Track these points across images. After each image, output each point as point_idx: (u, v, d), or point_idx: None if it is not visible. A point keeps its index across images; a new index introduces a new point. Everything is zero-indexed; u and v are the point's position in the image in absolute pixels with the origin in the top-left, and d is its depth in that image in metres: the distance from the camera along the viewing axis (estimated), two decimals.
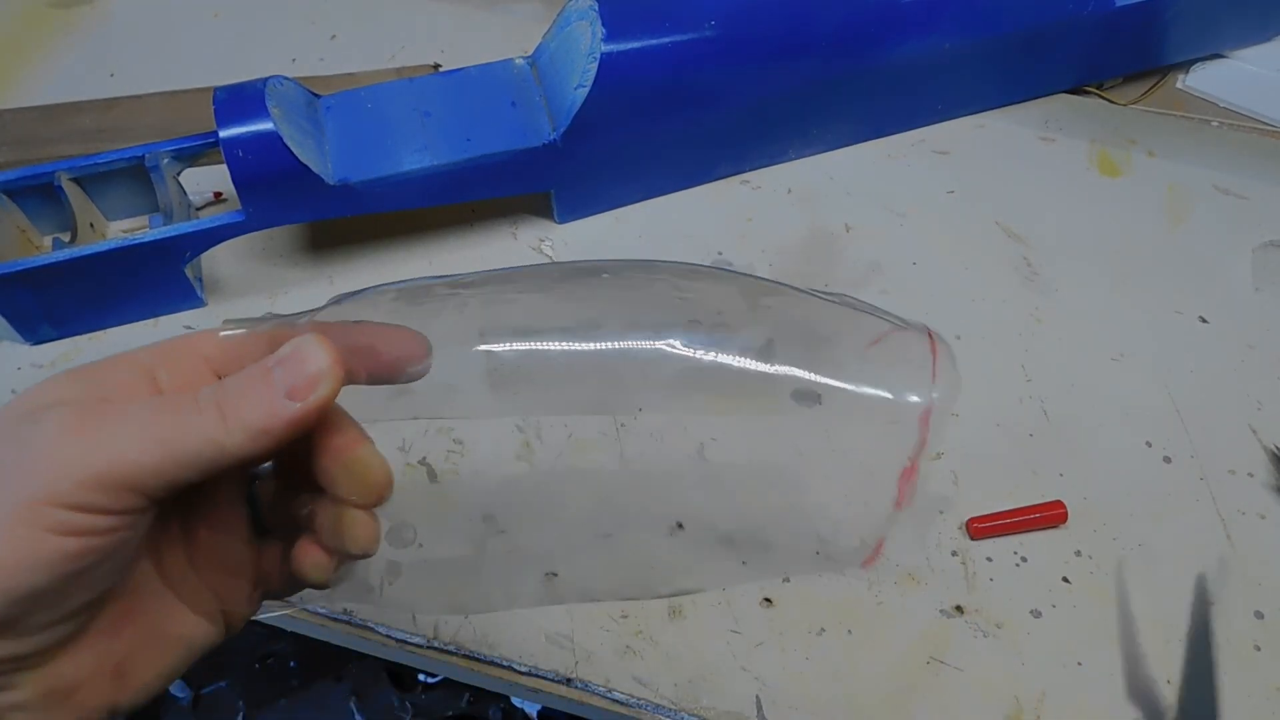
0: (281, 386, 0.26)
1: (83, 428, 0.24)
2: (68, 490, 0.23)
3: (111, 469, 0.24)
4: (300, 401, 0.26)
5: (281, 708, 1.10)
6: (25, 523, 0.23)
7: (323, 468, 0.28)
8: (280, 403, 0.26)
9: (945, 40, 0.58)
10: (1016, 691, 0.43)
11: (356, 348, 0.29)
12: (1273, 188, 0.61)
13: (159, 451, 0.24)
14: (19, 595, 0.23)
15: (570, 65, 0.52)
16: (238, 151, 0.47)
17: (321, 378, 0.26)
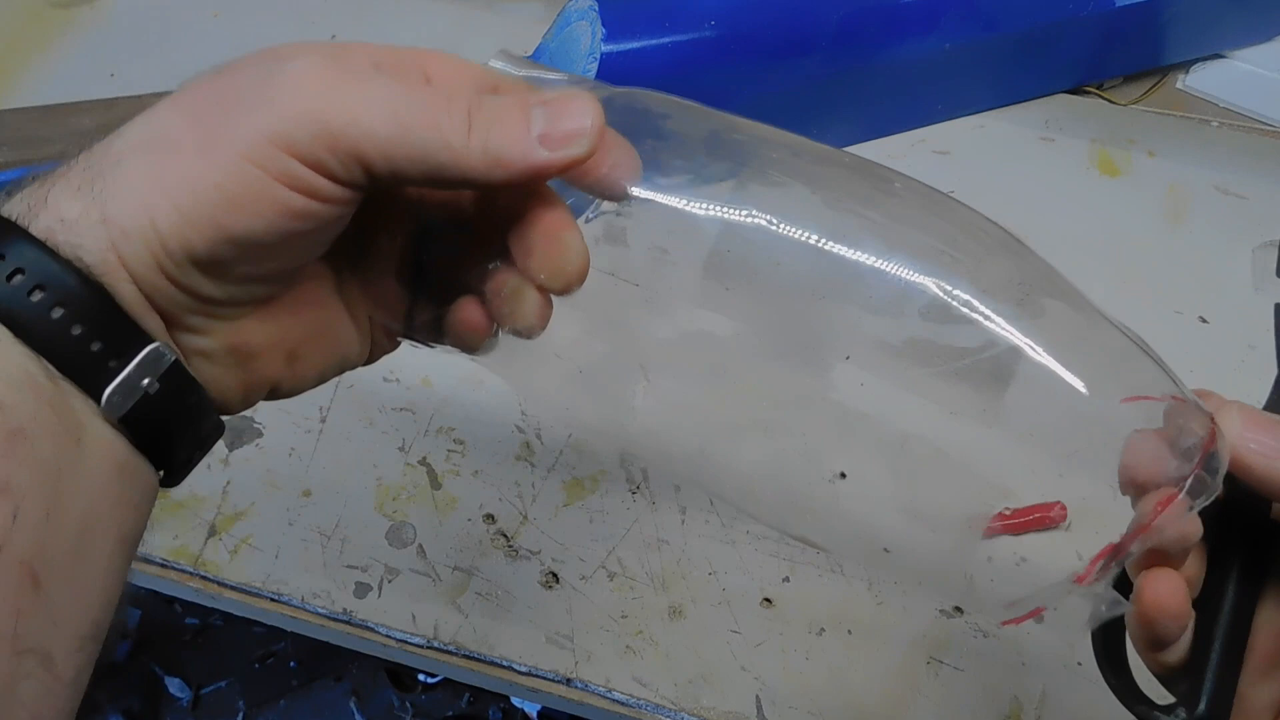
0: (536, 127, 0.24)
1: (328, 82, 0.23)
2: (303, 141, 0.22)
3: (346, 132, 0.23)
4: (549, 151, 0.24)
5: (281, 708, 1.10)
6: (256, 162, 0.23)
7: (522, 237, 0.27)
8: (529, 141, 0.24)
9: (945, 40, 0.58)
10: (1016, 691, 0.43)
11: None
12: (1273, 188, 0.61)
13: (395, 130, 0.23)
14: (236, 235, 0.23)
15: (570, 65, 0.52)
16: None
17: (580, 135, 0.25)
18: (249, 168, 0.23)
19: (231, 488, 0.48)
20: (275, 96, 0.23)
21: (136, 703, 1.09)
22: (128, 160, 0.23)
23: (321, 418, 0.50)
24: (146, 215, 0.23)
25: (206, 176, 0.23)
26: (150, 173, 0.23)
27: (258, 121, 0.23)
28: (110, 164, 0.23)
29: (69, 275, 0.22)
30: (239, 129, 0.23)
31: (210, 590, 0.46)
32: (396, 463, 0.49)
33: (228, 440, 0.49)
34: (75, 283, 0.22)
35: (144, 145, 0.24)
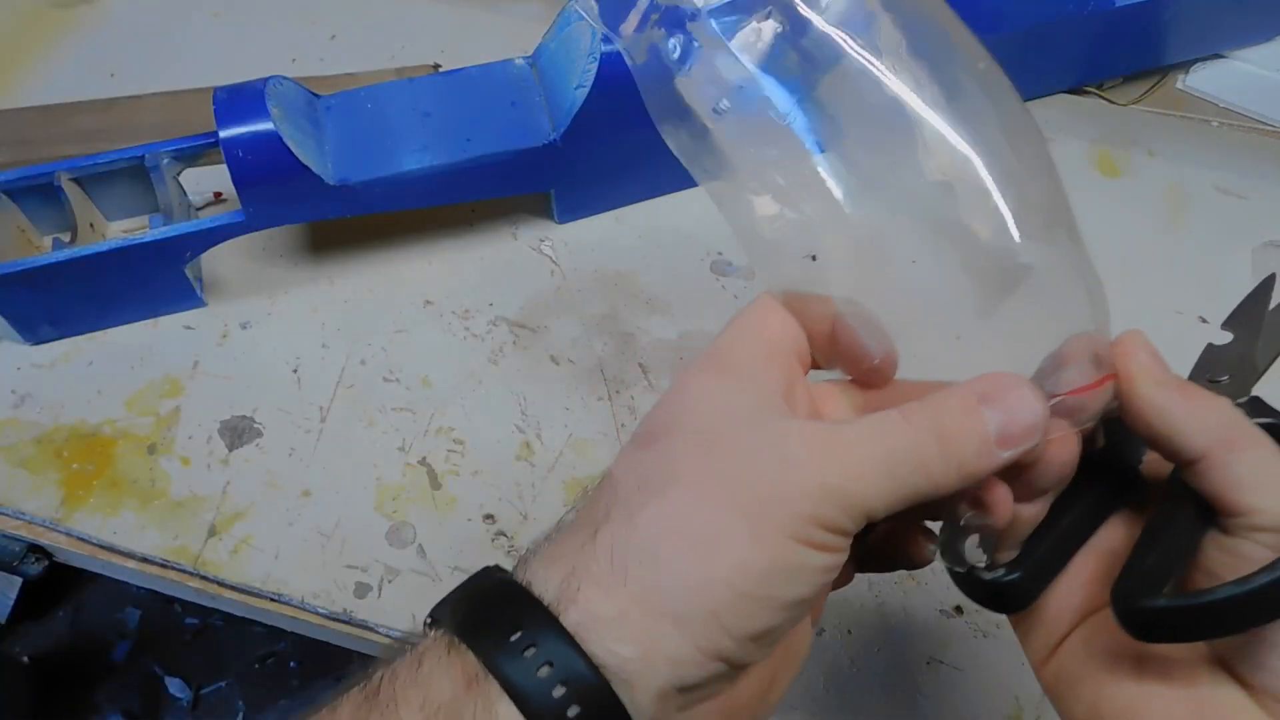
0: (993, 429, 0.26)
1: (828, 453, 0.25)
2: (827, 513, 0.25)
3: (856, 496, 0.25)
4: (1007, 451, 0.26)
5: (281, 708, 1.10)
6: (800, 539, 0.25)
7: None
8: (991, 449, 0.26)
9: None
10: (1016, 691, 0.43)
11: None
12: (1273, 188, 0.61)
13: (889, 483, 0.25)
14: (786, 602, 0.25)
15: (570, 65, 0.52)
16: (238, 151, 0.47)
17: (1035, 431, 0.26)
18: (792, 545, 0.25)
19: (231, 488, 0.48)
20: (797, 479, 0.25)
21: (136, 703, 1.09)
22: (664, 553, 0.25)
23: (321, 418, 0.50)
24: (706, 605, 0.24)
25: (757, 558, 0.24)
26: (697, 563, 0.25)
27: (795, 505, 0.25)
28: (643, 557, 0.25)
29: (592, 675, 0.24)
30: (779, 514, 0.25)
31: (210, 590, 0.46)
32: (396, 463, 0.49)
33: (228, 440, 0.49)
34: (596, 684, 0.24)
35: (679, 538, 0.25)
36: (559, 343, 0.53)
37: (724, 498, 0.25)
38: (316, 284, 0.55)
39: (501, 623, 0.25)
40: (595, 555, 0.25)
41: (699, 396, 0.28)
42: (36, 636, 1.12)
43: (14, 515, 0.47)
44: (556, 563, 0.26)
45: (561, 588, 0.25)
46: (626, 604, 0.24)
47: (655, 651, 0.24)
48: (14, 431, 0.49)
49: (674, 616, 0.24)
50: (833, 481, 0.25)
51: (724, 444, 0.26)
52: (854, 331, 0.29)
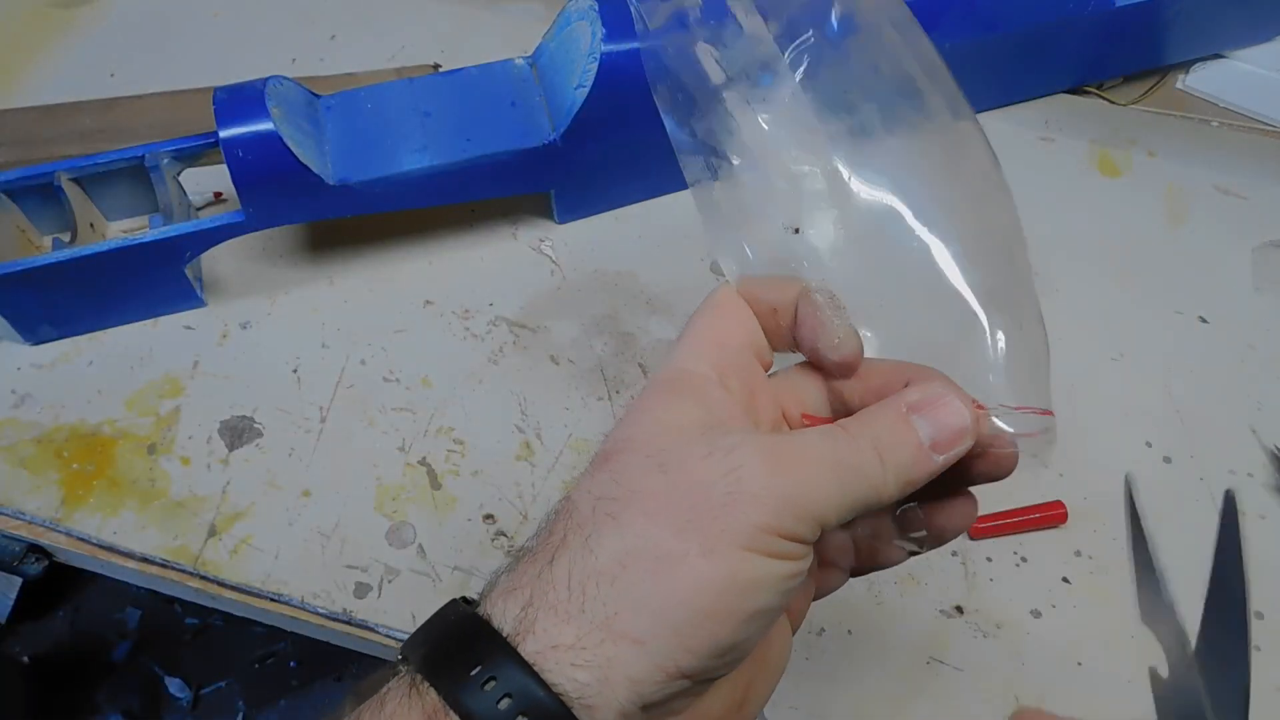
0: (925, 437, 0.27)
1: (781, 467, 0.26)
2: (785, 521, 0.25)
3: (809, 504, 0.26)
4: (941, 455, 0.28)
5: (281, 708, 1.10)
6: (757, 549, 0.25)
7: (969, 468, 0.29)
8: (926, 455, 0.27)
9: (945, 40, 0.57)
10: (1016, 691, 0.43)
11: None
12: (1273, 188, 0.61)
13: (838, 492, 0.26)
14: (747, 614, 0.25)
15: (570, 65, 0.52)
16: (238, 151, 0.47)
17: (965, 434, 0.28)
18: (749, 556, 0.25)
19: (231, 488, 0.48)
20: (749, 490, 0.25)
21: (136, 703, 1.09)
22: (623, 575, 0.25)
23: (321, 418, 0.50)
24: (666, 624, 0.25)
25: (714, 572, 0.25)
26: (654, 583, 0.25)
27: (749, 517, 0.25)
28: (600, 582, 0.25)
29: (552, 703, 0.24)
30: (733, 526, 0.25)
31: (210, 590, 0.46)
32: (396, 463, 0.49)
33: (228, 440, 0.49)
34: (556, 710, 0.24)
35: (635, 559, 0.25)
36: (559, 343, 0.53)
37: (677, 515, 0.25)
38: (316, 284, 0.55)
39: (462, 658, 0.25)
40: (553, 582, 0.26)
41: (653, 416, 0.28)
42: (36, 636, 1.12)
43: (14, 515, 0.47)
44: (514, 593, 0.26)
45: (520, 618, 0.25)
46: (584, 629, 0.25)
47: (615, 674, 0.24)
48: (14, 431, 0.49)
49: (633, 638, 0.25)
50: (788, 491, 0.26)
51: (676, 460, 0.27)
52: (820, 315, 0.30)
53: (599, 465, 0.28)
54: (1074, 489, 0.49)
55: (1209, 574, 0.28)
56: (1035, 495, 0.48)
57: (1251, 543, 0.50)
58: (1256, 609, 0.46)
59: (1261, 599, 0.46)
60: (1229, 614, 0.27)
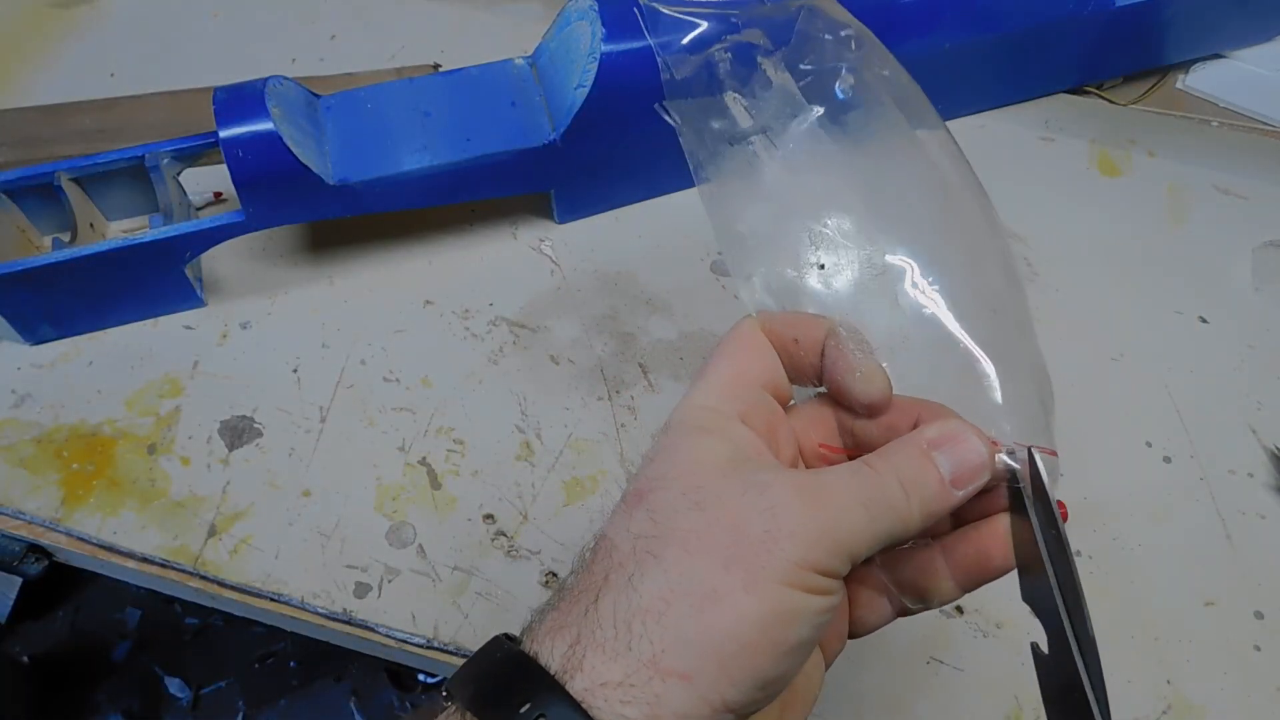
0: (946, 473, 0.29)
1: (814, 503, 0.27)
2: (818, 557, 0.26)
3: (841, 538, 0.27)
4: (961, 490, 0.29)
5: (281, 708, 1.10)
6: (795, 585, 0.26)
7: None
8: (947, 490, 0.29)
9: (945, 40, 0.58)
10: (1016, 691, 0.43)
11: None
12: (1273, 188, 0.61)
13: (868, 526, 0.27)
14: (787, 647, 0.26)
15: (570, 65, 0.52)
16: (238, 151, 0.47)
17: (983, 469, 0.29)
18: (788, 591, 0.26)
19: (231, 488, 0.48)
20: (786, 527, 0.26)
21: (136, 703, 1.09)
22: (668, 612, 0.26)
23: (321, 418, 0.50)
24: (712, 659, 0.25)
25: (756, 606, 0.26)
26: (699, 618, 0.26)
27: (787, 553, 0.26)
28: (646, 619, 0.26)
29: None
30: (772, 563, 0.26)
31: (210, 590, 0.46)
32: (396, 463, 0.49)
33: (228, 440, 0.49)
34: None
35: (678, 596, 0.26)
36: (559, 343, 0.53)
37: (717, 552, 0.26)
38: (316, 284, 0.55)
39: (510, 695, 0.26)
40: (599, 621, 0.26)
41: (684, 455, 0.29)
42: (36, 636, 1.12)
43: (14, 515, 0.47)
44: (561, 631, 0.27)
45: (567, 656, 0.26)
46: (632, 666, 0.25)
47: (663, 710, 0.25)
48: (14, 431, 0.49)
49: (680, 674, 0.25)
50: (822, 527, 0.27)
51: (712, 498, 0.27)
52: (849, 353, 0.31)
53: (633, 503, 0.28)
54: (1074, 489, 0.49)
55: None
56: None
57: (1251, 543, 0.50)
58: (1256, 609, 0.46)
59: (1262, 599, 0.46)
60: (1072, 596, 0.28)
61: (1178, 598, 0.46)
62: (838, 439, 0.32)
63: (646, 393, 0.51)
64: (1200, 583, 0.47)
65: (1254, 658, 0.44)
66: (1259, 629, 0.45)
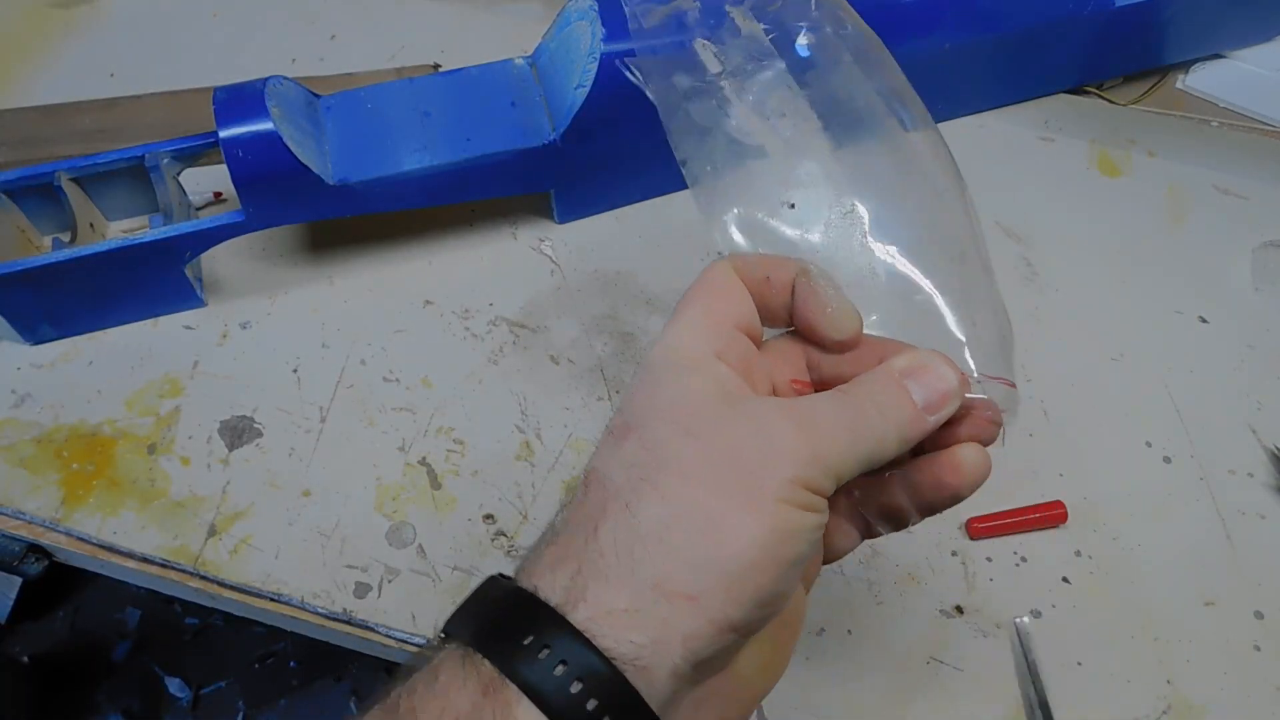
0: (919, 400, 0.29)
1: (804, 427, 0.28)
2: (813, 474, 0.27)
3: (829, 459, 0.28)
4: (934, 416, 0.30)
5: (281, 708, 1.10)
6: (790, 501, 0.27)
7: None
8: (921, 416, 0.29)
9: (945, 40, 0.58)
10: (1016, 691, 0.43)
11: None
12: (1273, 188, 0.61)
13: (851, 448, 0.28)
14: (787, 562, 0.27)
15: (570, 65, 0.52)
16: (238, 151, 0.47)
17: (951, 396, 0.30)
18: (786, 508, 0.27)
19: (231, 488, 0.48)
20: (780, 449, 0.27)
21: (136, 703, 1.09)
22: (670, 537, 0.26)
23: (321, 418, 0.50)
24: (717, 578, 0.26)
25: (758, 525, 0.26)
26: (702, 540, 0.26)
27: (782, 472, 0.27)
28: (648, 545, 0.26)
29: (606, 668, 0.25)
30: (769, 482, 0.27)
31: (210, 590, 0.46)
32: (396, 463, 0.49)
33: (228, 440, 0.49)
34: (611, 675, 0.25)
35: (680, 520, 0.26)
36: (559, 343, 0.53)
37: (716, 476, 0.27)
38: (316, 284, 0.55)
39: (513, 629, 0.26)
40: (600, 550, 0.26)
41: (668, 389, 0.29)
42: (36, 636, 1.12)
43: (14, 515, 0.47)
44: (562, 564, 0.27)
45: (569, 588, 0.26)
46: (637, 592, 0.26)
47: (670, 633, 0.25)
48: (14, 431, 0.49)
49: (686, 595, 0.26)
50: (813, 449, 0.27)
51: (706, 427, 0.28)
52: (821, 293, 0.31)
53: (620, 436, 0.29)
54: (1074, 489, 0.49)
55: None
56: (1035, 495, 0.48)
57: (1251, 543, 0.50)
58: (1256, 609, 0.46)
59: (1261, 599, 0.46)
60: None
61: (1178, 598, 0.46)
62: (806, 376, 0.33)
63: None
64: (1200, 583, 0.47)
65: (1254, 658, 0.44)
66: (1259, 629, 0.45)
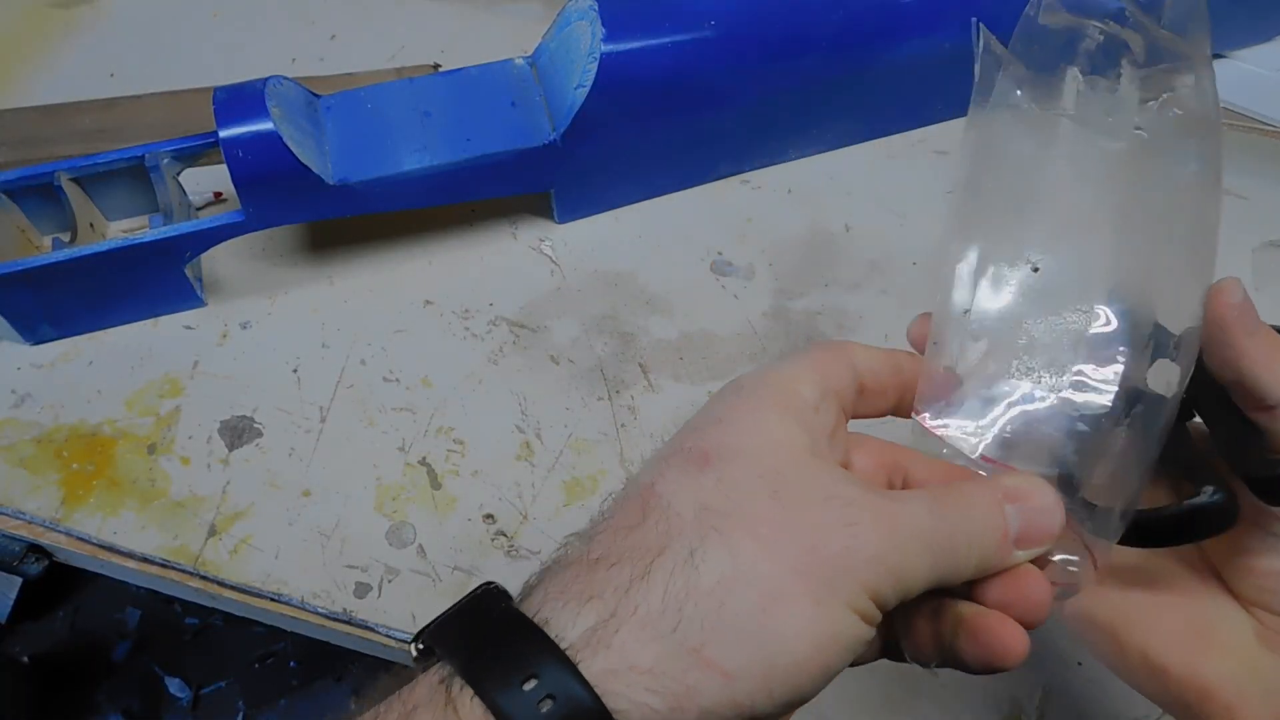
0: (1013, 528, 0.27)
1: (893, 533, 0.25)
2: (885, 587, 0.25)
3: (904, 574, 0.25)
4: (1022, 552, 0.27)
5: (281, 708, 1.10)
6: (856, 610, 0.24)
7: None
8: (1008, 549, 0.27)
9: (945, 40, 0.58)
10: (1016, 691, 0.43)
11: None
12: (1273, 188, 0.61)
13: (929, 567, 0.26)
14: (830, 670, 0.25)
15: (570, 65, 0.52)
16: (238, 151, 0.47)
17: (1051, 534, 0.27)
18: (849, 615, 0.24)
19: (231, 488, 0.48)
20: (865, 551, 0.25)
21: (136, 703, 1.09)
22: (730, 604, 0.24)
23: (321, 418, 0.50)
24: (761, 663, 0.23)
25: (819, 623, 0.24)
26: (759, 618, 0.24)
27: (860, 576, 0.24)
28: (701, 604, 0.24)
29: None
30: (844, 581, 0.24)
31: (210, 590, 0.46)
32: (396, 463, 0.49)
33: (228, 440, 0.49)
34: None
35: (743, 586, 0.24)
36: (559, 343, 0.53)
37: (793, 554, 0.24)
38: (316, 284, 0.55)
39: (512, 665, 0.23)
40: (647, 595, 0.24)
41: (760, 427, 0.27)
42: (36, 636, 1.12)
43: (14, 515, 0.47)
44: (594, 600, 0.24)
45: (594, 630, 0.24)
46: (670, 651, 0.23)
47: (690, 704, 0.23)
48: (14, 431, 0.49)
49: (723, 670, 0.23)
50: (894, 560, 0.25)
51: (792, 490, 0.25)
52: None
53: (698, 464, 0.26)
54: None
55: None
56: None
57: None
58: None
59: None
60: None
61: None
62: (885, 470, 0.31)
63: (646, 393, 0.51)
64: None
65: None
66: None
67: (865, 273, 0.56)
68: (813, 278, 0.56)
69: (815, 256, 0.57)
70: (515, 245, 0.57)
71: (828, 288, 0.55)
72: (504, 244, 0.57)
